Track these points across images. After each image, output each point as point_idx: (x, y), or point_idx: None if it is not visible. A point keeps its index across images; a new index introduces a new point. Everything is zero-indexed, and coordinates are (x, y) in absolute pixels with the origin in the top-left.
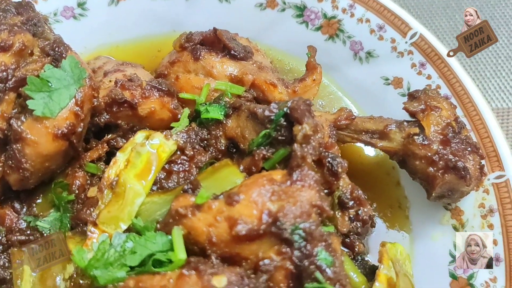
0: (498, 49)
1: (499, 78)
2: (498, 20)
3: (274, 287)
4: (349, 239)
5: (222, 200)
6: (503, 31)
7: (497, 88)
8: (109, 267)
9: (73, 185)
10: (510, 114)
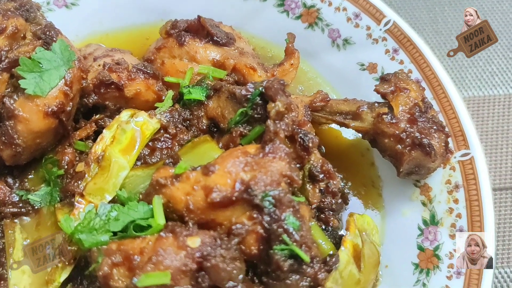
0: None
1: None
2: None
3: (246, 249)
4: (324, 215)
5: (199, 171)
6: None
7: (473, 77)
8: (93, 231)
9: (62, 161)
10: (485, 101)
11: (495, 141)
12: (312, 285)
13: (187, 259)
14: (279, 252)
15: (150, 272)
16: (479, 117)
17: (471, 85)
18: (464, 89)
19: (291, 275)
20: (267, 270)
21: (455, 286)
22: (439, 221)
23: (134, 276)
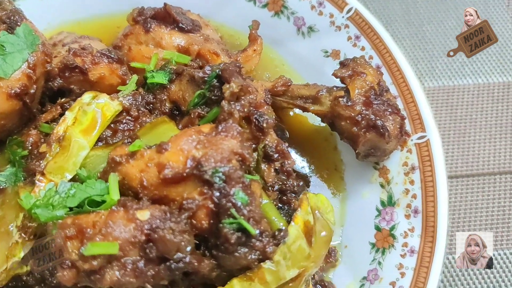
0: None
1: (446, 57)
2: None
3: (197, 224)
4: (286, 196)
5: (154, 149)
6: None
7: (444, 67)
8: (49, 207)
9: (27, 142)
10: (455, 91)
11: (463, 129)
12: (260, 258)
13: (136, 231)
14: (227, 226)
15: (97, 242)
16: (448, 106)
17: (441, 74)
18: (434, 79)
19: (239, 248)
20: (217, 244)
21: (409, 263)
22: (396, 202)
23: (82, 247)
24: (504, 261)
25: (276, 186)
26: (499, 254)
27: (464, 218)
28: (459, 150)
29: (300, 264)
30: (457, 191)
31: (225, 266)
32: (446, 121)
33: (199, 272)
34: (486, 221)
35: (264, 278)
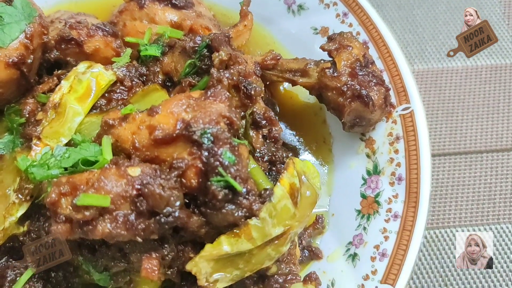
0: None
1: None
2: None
3: (186, 182)
4: (276, 167)
5: (145, 112)
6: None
7: (433, 49)
8: (45, 166)
9: (24, 110)
10: (443, 72)
11: (451, 109)
12: (247, 216)
13: (127, 186)
14: (215, 183)
15: (90, 194)
16: (437, 87)
17: (430, 57)
18: (424, 61)
19: (226, 205)
20: (205, 201)
21: (392, 227)
22: (381, 170)
23: (74, 199)
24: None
25: (266, 157)
26: (485, 229)
27: (451, 194)
28: (447, 129)
29: (285, 223)
30: (444, 168)
31: (213, 223)
32: (435, 102)
33: (188, 228)
34: (472, 197)
35: (250, 235)
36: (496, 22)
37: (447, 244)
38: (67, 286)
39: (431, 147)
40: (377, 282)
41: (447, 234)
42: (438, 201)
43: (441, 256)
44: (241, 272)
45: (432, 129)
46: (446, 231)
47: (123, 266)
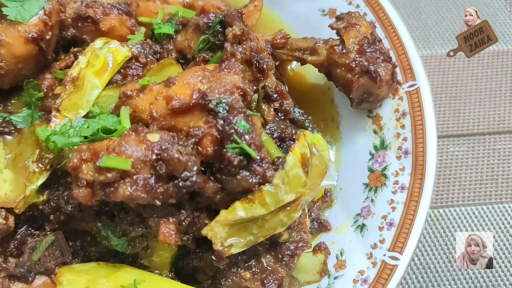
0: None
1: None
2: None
3: (202, 150)
4: (285, 144)
5: (162, 84)
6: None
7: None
8: (66, 135)
9: (42, 85)
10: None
11: (455, 93)
12: (261, 182)
13: (147, 151)
14: (230, 150)
15: (112, 156)
16: (440, 71)
17: (434, 43)
18: (428, 47)
19: (241, 171)
20: (221, 167)
21: (399, 199)
22: (388, 145)
23: (97, 161)
24: (493, 215)
25: (276, 134)
26: (488, 208)
27: (455, 175)
28: (450, 112)
29: (297, 190)
30: (448, 149)
31: (228, 189)
32: (438, 86)
33: (204, 194)
34: (475, 178)
35: (264, 200)
36: (498, 9)
37: (450, 223)
38: (84, 255)
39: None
40: (385, 250)
41: (451, 213)
42: (442, 181)
43: (445, 234)
44: (255, 237)
45: (436, 112)
46: (450, 210)
47: (141, 231)
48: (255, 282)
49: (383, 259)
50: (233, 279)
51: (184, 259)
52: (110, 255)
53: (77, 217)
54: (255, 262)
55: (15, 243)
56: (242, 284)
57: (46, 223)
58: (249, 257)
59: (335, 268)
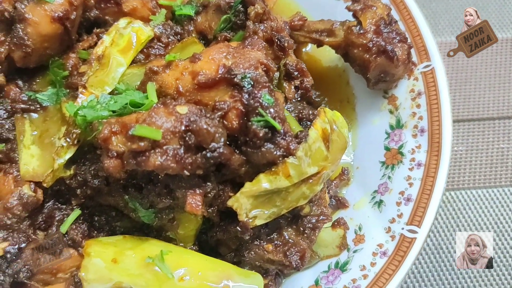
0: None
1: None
2: None
3: (228, 124)
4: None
5: (187, 60)
6: None
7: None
8: (95, 108)
9: (67, 63)
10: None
11: (465, 78)
12: (284, 155)
13: (176, 123)
14: (255, 123)
15: (144, 125)
16: (450, 58)
17: (444, 30)
18: (437, 35)
19: (266, 144)
20: (246, 140)
21: (416, 175)
22: (404, 124)
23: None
24: (503, 197)
25: (293, 114)
26: (498, 191)
27: (466, 159)
28: (461, 97)
29: (319, 164)
30: (458, 134)
31: (252, 162)
32: (449, 71)
33: (230, 166)
34: (486, 161)
35: (288, 172)
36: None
37: (462, 205)
38: (109, 229)
39: None
40: (403, 224)
41: (462, 195)
42: (453, 165)
43: (457, 216)
44: (278, 209)
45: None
46: (461, 193)
47: (168, 202)
48: (278, 254)
49: (402, 232)
50: (256, 251)
51: (208, 233)
52: (134, 229)
53: (103, 191)
54: (277, 235)
55: (43, 217)
56: (265, 256)
57: (73, 197)
58: (271, 230)
59: (354, 243)
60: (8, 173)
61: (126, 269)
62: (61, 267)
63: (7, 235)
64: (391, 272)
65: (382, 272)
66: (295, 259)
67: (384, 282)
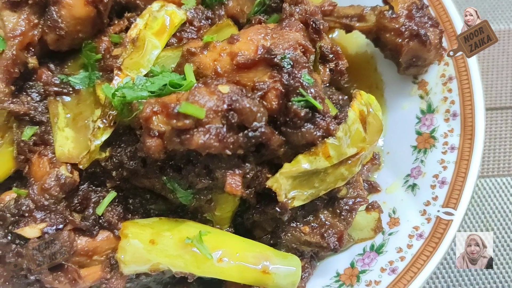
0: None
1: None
2: None
3: (267, 105)
4: None
5: (225, 41)
6: None
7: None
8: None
9: (100, 47)
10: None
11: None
12: (324, 135)
13: (218, 101)
14: (296, 103)
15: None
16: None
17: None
18: None
19: (306, 124)
20: (286, 121)
21: (450, 158)
22: (435, 109)
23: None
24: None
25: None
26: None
27: (489, 147)
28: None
29: (358, 145)
30: (492, 122)
31: (292, 143)
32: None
33: (270, 146)
34: (509, 150)
35: (327, 153)
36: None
37: (487, 193)
38: (144, 212)
39: None
40: (439, 206)
41: (487, 183)
42: None
43: (482, 203)
44: (316, 190)
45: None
46: (485, 180)
47: (207, 183)
48: (315, 236)
49: (438, 215)
50: (292, 233)
51: (243, 215)
52: (169, 212)
53: (139, 173)
54: (313, 217)
55: (79, 199)
56: (302, 238)
57: (107, 180)
58: (307, 213)
59: (388, 225)
60: (43, 155)
61: (164, 250)
62: (97, 249)
63: (44, 216)
64: (429, 254)
65: (420, 254)
66: (333, 240)
67: (422, 263)
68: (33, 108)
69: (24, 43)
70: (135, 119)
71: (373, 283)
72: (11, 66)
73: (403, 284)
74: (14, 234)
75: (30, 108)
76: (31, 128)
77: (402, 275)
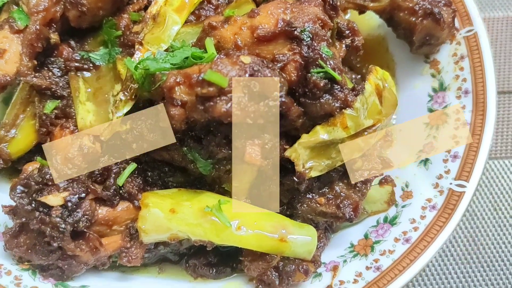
0: None
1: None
2: None
3: (286, 77)
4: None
5: (245, 15)
6: None
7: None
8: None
9: (120, 24)
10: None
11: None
12: (342, 107)
13: (240, 71)
14: (315, 74)
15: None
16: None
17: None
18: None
19: (325, 95)
20: (305, 91)
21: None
22: (447, 87)
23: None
24: None
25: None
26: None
27: (497, 130)
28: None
29: (375, 117)
30: (499, 106)
31: (310, 114)
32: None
33: (289, 117)
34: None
35: (345, 123)
36: None
37: (495, 174)
38: (162, 184)
39: None
40: (451, 179)
41: (495, 165)
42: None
43: (490, 184)
44: (333, 161)
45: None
46: (494, 162)
47: (227, 152)
48: (331, 207)
49: (450, 187)
50: (308, 204)
51: (261, 187)
52: (187, 184)
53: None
54: (328, 189)
55: (99, 170)
56: (318, 208)
57: (127, 152)
58: (323, 184)
59: (401, 198)
60: (65, 127)
61: (184, 219)
62: (117, 219)
63: (67, 185)
64: (442, 224)
65: (433, 224)
66: (348, 211)
67: (434, 233)
68: (55, 82)
69: (47, 18)
70: (157, 91)
71: (387, 252)
72: (35, 40)
73: (416, 253)
74: (38, 202)
75: (52, 82)
76: (53, 102)
77: (416, 245)
